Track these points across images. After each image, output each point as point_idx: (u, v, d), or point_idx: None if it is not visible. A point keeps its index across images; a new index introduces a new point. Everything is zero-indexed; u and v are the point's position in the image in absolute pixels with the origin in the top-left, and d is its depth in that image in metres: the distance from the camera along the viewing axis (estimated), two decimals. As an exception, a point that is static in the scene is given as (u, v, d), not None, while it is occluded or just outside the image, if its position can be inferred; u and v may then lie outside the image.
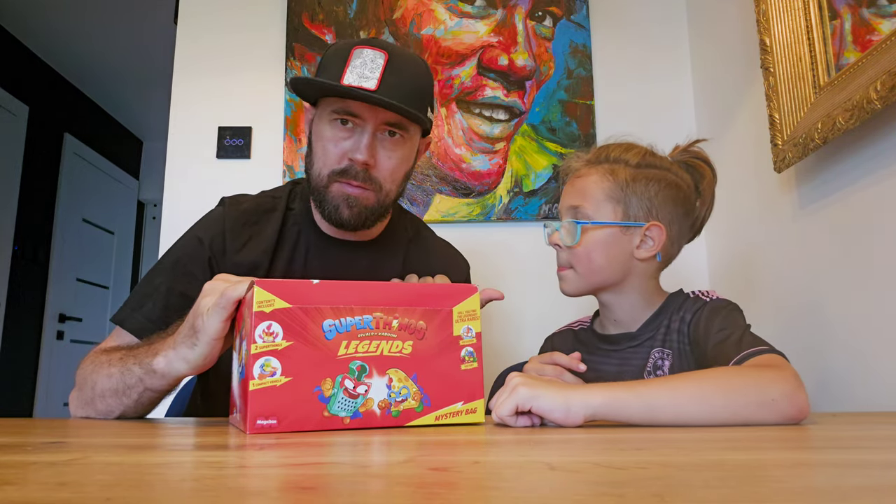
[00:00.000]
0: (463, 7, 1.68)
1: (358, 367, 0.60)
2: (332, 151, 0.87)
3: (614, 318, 0.91)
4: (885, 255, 0.95)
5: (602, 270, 0.87)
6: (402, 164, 0.90)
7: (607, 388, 0.61)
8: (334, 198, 0.87)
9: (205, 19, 1.70)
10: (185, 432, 0.62)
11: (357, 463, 0.41)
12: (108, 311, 3.80)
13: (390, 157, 0.88)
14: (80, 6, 2.86)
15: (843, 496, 0.29)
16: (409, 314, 0.63)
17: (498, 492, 0.31)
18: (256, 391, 0.57)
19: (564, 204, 0.90)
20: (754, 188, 1.35)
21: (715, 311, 0.82)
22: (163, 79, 2.07)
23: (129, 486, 0.32)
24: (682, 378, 0.65)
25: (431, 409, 0.62)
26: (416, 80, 0.88)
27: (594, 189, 0.88)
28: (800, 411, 0.61)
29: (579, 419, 0.59)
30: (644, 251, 0.87)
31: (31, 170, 3.16)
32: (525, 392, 0.60)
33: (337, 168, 0.87)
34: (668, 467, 0.37)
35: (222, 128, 1.63)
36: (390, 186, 0.90)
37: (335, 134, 0.87)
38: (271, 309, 0.58)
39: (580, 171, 0.91)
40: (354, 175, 0.86)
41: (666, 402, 0.61)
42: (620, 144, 0.92)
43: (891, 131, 0.93)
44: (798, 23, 1.12)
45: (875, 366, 0.97)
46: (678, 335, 0.85)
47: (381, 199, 0.89)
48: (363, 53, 0.84)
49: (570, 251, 0.87)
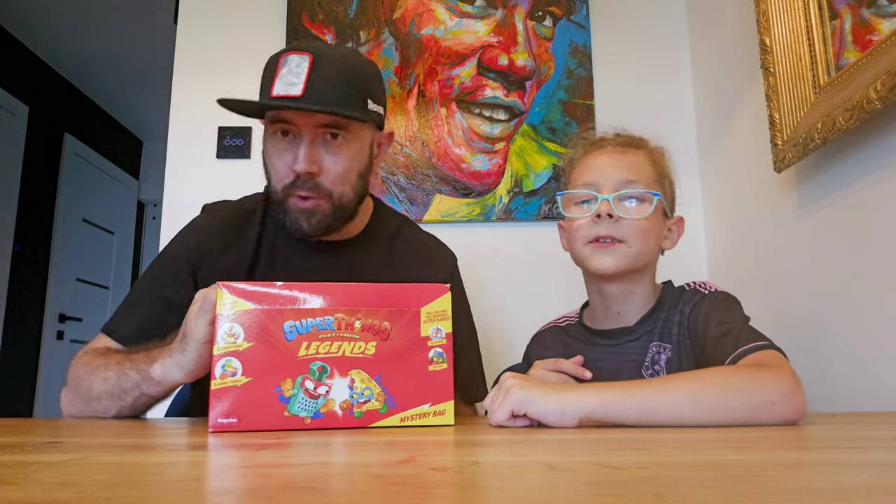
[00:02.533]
0: (463, 7, 1.68)
1: (319, 368, 0.61)
2: (279, 166, 0.87)
3: (618, 310, 0.88)
4: (885, 255, 0.95)
5: (649, 251, 0.85)
6: (351, 163, 0.87)
7: (602, 388, 0.61)
8: (292, 212, 0.87)
9: (205, 19, 1.70)
10: (185, 432, 0.62)
11: (357, 463, 0.41)
12: (108, 311, 3.80)
13: (336, 161, 0.86)
14: (80, 6, 2.86)
15: (842, 496, 0.29)
16: (373, 315, 0.63)
17: (498, 492, 0.31)
18: (217, 391, 0.59)
19: (615, 176, 0.83)
20: (754, 188, 1.35)
21: (714, 304, 0.81)
22: (163, 79, 2.07)
23: (129, 486, 0.32)
24: (679, 379, 0.65)
25: (397, 411, 0.62)
26: (347, 76, 0.85)
27: (647, 169, 0.85)
28: (797, 413, 0.61)
29: (574, 421, 0.59)
30: (669, 242, 0.88)
31: (31, 170, 3.16)
32: (520, 395, 0.60)
33: (287, 182, 0.86)
34: (667, 467, 0.37)
35: (222, 128, 1.63)
36: (342, 189, 0.87)
37: (277, 147, 0.87)
38: (234, 311, 0.60)
39: (620, 149, 0.87)
40: (301, 186, 0.85)
41: (661, 404, 0.61)
42: (645, 139, 0.91)
43: (891, 131, 0.93)
44: (798, 23, 1.12)
45: (875, 366, 0.97)
46: (678, 328, 0.84)
47: (336, 204, 0.88)
48: (289, 60, 0.83)
49: (631, 224, 0.82)
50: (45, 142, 3.30)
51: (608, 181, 0.83)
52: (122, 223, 4.04)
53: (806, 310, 1.16)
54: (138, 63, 3.32)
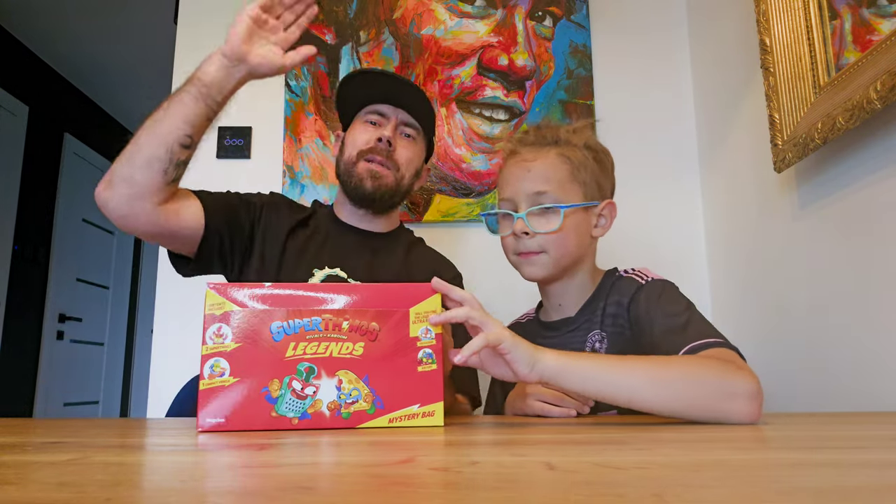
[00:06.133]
0: (463, 7, 1.68)
1: (306, 369, 0.61)
2: (361, 137, 1.05)
3: (559, 303, 0.92)
4: (885, 255, 0.95)
5: (573, 253, 0.88)
6: (414, 157, 1.08)
7: (569, 357, 0.65)
8: (360, 173, 1.04)
9: (205, 19, 1.70)
10: (186, 432, 0.62)
11: (358, 463, 0.41)
12: (108, 311, 3.80)
13: (406, 148, 1.07)
14: (81, 6, 2.86)
15: (843, 496, 0.29)
16: (361, 315, 0.63)
17: (498, 492, 0.31)
18: (205, 391, 0.59)
19: (525, 190, 0.87)
20: (754, 188, 1.35)
21: (653, 293, 0.82)
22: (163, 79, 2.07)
23: (129, 486, 0.32)
24: (643, 360, 0.66)
25: (385, 412, 0.62)
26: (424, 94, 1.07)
27: (556, 173, 0.87)
28: (755, 415, 0.61)
29: (537, 378, 0.63)
30: (600, 229, 0.90)
31: (31, 170, 3.16)
32: (508, 339, 0.63)
33: (364, 148, 1.04)
34: (667, 467, 0.37)
35: (222, 128, 1.63)
36: (405, 172, 1.06)
37: (365, 129, 1.06)
38: (221, 311, 0.61)
39: (531, 156, 0.89)
40: (379, 152, 1.03)
41: (620, 380, 0.63)
42: (563, 126, 0.92)
43: (891, 131, 0.93)
44: (798, 23, 1.12)
45: (875, 366, 0.97)
46: (613, 318, 0.85)
47: (397, 181, 1.05)
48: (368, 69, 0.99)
49: (544, 236, 0.86)
50: (45, 142, 3.30)
51: (520, 195, 0.88)
52: (122, 223, 4.03)
53: (806, 310, 1.15)
54: (138, 63, 3.32)
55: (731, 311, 1.45)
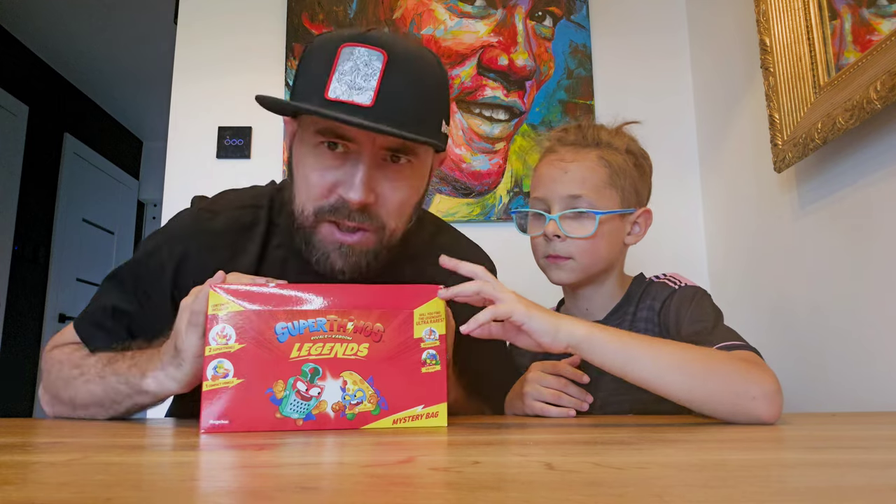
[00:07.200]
0: (463, 7, 1.68)
1: (311, 370, 0.60)
2: (318, 183, 0.69)
3: (586, 307, 0.90)
4: (885, 255, 0.95)
5: (603, 260, 0.86)
6: (410, 195, 0.72)
7: (595, 326, 0.63)
8: (324, 244, 0.71)
9: (205, 19, 1.70)
10: (186, 432, 0.62)
11: (358, 463, 0.41)
12: (108, 311, 3.80)
13: (395, 189, 0.70)
14: (81, 6, 2.86)
15: (843, 496, 0.29)
16: (365, 316, 0.62)
17: (498, 492, 0.31)
18: (209, 392, 0.59)
19: (560, 192, 0.84)
20: (754, 188, 1.35)
21: (685, 299, 0.82)
22: (163, 79, 2.07)
23: (129, 486, 0.32)
24: (668, 344, 0.66)
25: (389, 413, 0.62)
26: (426, 85, 0.69)
27: (593, 177, 0.84)
28: (774, 415, 0.61)
29: (562, 346, 0.62)
30: (633, 237, 0.89)
31: (31, 170, 3.16)
32: (521, 310, 0.61)
33: (325, 205, 0.69)
34: (668, 467, 0.37)
35: (222, 128, 1.63)
36: (396, 223, 0.72)
37: (321, 161, 0.69)
38: (225, 312, 0.60)
39: (569, 156, 0.86)
40: (347, 214, 0.68)
41: (647, 359, 0.62)
42: (605, 127, 0.90)
43: (891, 131, 0.93)
44: (798, 23, 1.12)
45: (875, 366, 0.97)
46: (645, 323, 0.84)
47: (385, 240, 0.72)
48: (354, 53, 0.64)
49: (575, 242, 0.83)
50: (45, 142, 3.30)
51: (554, 197, 0.85)
52: (122, 223, 4.04)
53: (806, 310, 1.15)
54: (138, 63, 3.32)
55: (730, 311, 1.45)
